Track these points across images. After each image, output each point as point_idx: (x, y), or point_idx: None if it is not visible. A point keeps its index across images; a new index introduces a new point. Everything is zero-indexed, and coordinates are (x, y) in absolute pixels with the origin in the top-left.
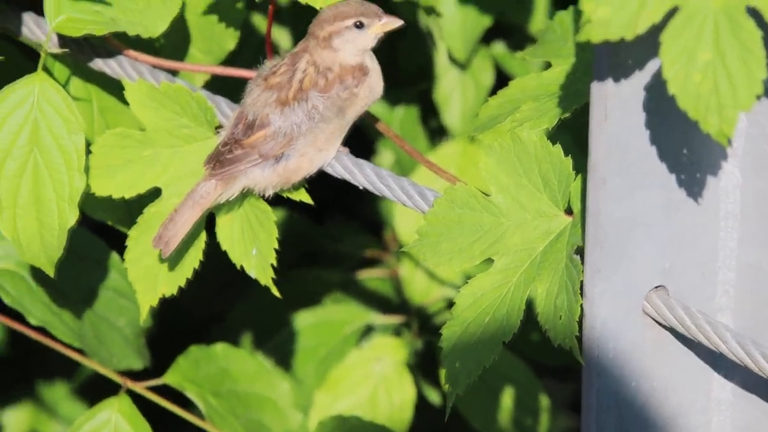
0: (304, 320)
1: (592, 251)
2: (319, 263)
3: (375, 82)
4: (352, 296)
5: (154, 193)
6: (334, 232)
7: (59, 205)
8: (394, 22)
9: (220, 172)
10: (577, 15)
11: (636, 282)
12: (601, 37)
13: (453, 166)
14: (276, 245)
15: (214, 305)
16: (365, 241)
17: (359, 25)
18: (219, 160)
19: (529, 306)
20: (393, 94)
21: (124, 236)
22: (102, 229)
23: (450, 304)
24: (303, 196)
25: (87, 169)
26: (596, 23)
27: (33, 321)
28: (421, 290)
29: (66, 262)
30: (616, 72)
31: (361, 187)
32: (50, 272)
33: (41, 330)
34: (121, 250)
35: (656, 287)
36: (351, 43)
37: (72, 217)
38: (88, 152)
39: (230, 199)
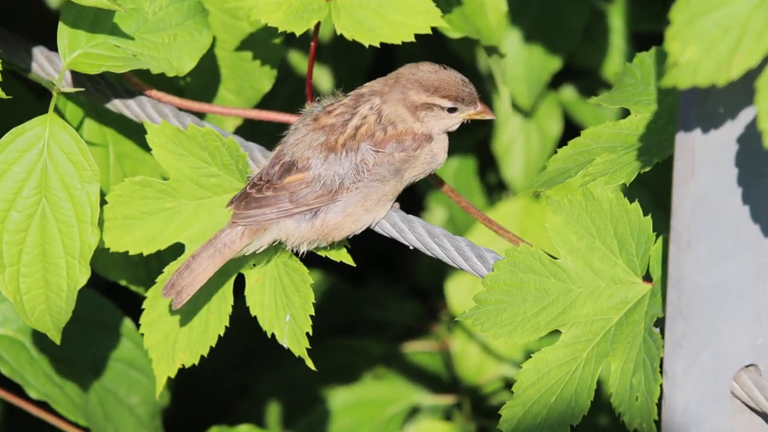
0: (340, 398)
1: (673, 324)
2: (358, 332)
3: (438, 149)
4: (396, 371)
5: (176, 250)
6: (375, 297)
7: (69, 262)
8: (487, 114)
9: (245, 216)
10: (661, 57)
11: (724, 360)
12: (689, 82)
13: (514, 226)
14: (312, 311)
15: (240, 376)
16: (411, 308)
17: (452, 110)
18: (246, 199)
19: (600, 385)
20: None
21: (138, 300)
22: (112, 291)
23: (508, 383)
24: (344, 257)
25: (101, 223)
26: (684, 66)
27: (33, 394)
28: (475, 367)
29: (72, 327)
30: (705, 121)
31: (411, 247)
32: (56, 338)
33: (42, 404)
34: (134, 315)
35: (747, 366)
36: (437, 122)
37: (83, 277)
38: (103, 203)
39: (258, 251)
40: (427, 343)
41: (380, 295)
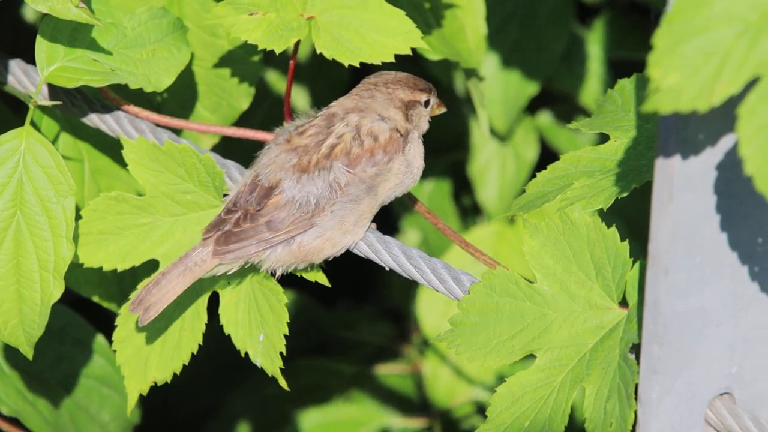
0: (311, 419)
1: (649, 350)
2: (330, 353)
3: (412, 155)
4: (366, 393)
5: (150, 267)
6: (347, 318)
7: (43, 276)
8: (443, 107)
9: (226, 251)
10: (642, 83)
11: (699, 387)
12: (671, 107)
13: (487, 250)
14: (286, 331)
15: (210, 395)
16: (383, 329)
17: (426, 103)
18: (224, 233)
19: (574, 410)
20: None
21: (110, 316)
22: (83, 307)
23: (479, 407)
24: (319, 278)
25: (75, 238)
26: (665, 92)
27: (4, 410)
28: (446, 390)
29: (44, 342)
30: (685, 148)
31: (387, 268)
32: (28, 354)
33: (13, 420)
34: (106, 331)
35: (721, 394)
36: (419, 120)
37: (57, 291)
38: (78, 217)
39: (229, 272)
40: (398, 366)
41: (352, 316)
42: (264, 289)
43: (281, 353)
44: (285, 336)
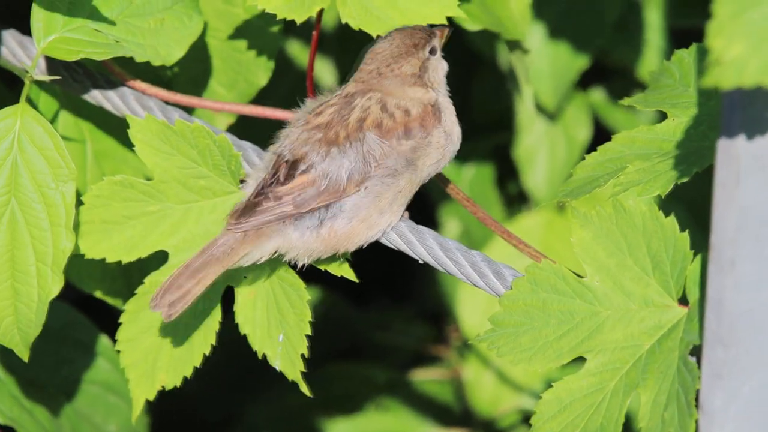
0: (340, 430)
1: (712, 353)
2: (361, 358)
3: (449, 124)
4: (402, 402)
5: (159, 259)
6: (380, 320)
7: (40, 270)
8: (445, 30)
9: (247, 222)
10: (702, 55)
11: (767, 393)
12: (734, 82)
13: (536, 241)
14: (308, 331)
15: (229, 403)
16: (420, 332)
17: (433, 51)
18: (244, 207)
19: (628, 419)
20: (462, 148)
21: (115, 316)
22: (86, 305)
23: (526, 416)
24: (346, 272)
25: (76, 227)
26: (728, 65)
27: None
28: (489, 397)
29: (42, 344)
30: (751, 127)
31: (420, 261)
32: (24, 355)
33: (8, 429)
34: (111, 332)
35: None
36: (435, 73)
37: (56, 286)
38: (79, 204)
39: (259, 261)
40: (436, 371)
41: (386, 318)
42: (284, 284)
43: (303, 356)
44: (308, 337)
